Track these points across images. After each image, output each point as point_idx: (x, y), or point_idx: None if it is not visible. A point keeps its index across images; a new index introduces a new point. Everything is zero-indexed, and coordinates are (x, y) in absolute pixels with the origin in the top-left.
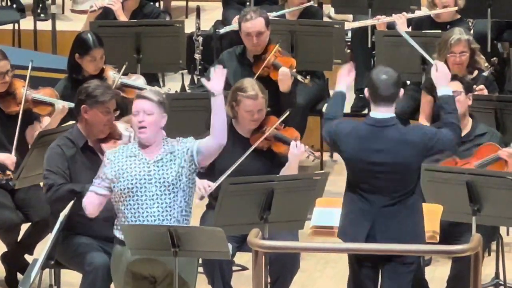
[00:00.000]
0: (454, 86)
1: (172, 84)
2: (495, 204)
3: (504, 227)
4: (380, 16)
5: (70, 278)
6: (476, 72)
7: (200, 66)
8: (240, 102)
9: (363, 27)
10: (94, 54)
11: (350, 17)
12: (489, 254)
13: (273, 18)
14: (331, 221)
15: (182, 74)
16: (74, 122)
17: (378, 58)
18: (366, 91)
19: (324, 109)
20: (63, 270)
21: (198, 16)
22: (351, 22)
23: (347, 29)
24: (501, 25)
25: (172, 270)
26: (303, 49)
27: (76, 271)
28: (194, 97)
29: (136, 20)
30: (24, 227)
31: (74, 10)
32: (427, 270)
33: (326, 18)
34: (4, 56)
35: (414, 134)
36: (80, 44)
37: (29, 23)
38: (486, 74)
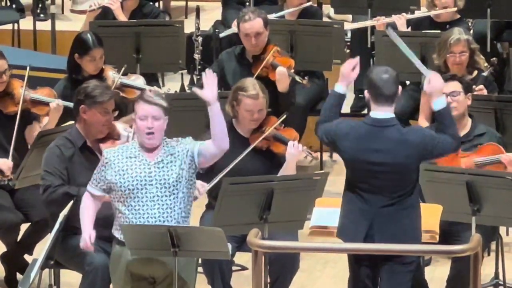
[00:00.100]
0: (453, 86)
1: (171, 84)
2: (495, 204)
3: (503, 227)
4: (379, 17)
5: (70, 278)
6: (475, 72)
7: (199, 66)
8: (240, 102)
9: (363, 27)
10: (94, 54)
11: (349, 17)
12: (488, 254)
13: (272, 18)
14: (331, 221)
15: (182, 74)
16: (73, 122)
17: (378, 58)
18: (367, 93)
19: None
20: (63, 270)
21: (198, 16)
22: (351, 23)
23: (347, 29)
24: (500, 25)
25: (171, 271)
26: (303, 49)
27: (75, 271)
28: (193, 97)
29: (135, 20)
30: (23, 227)
31: (73, 10)
32: (427, 270)
33: (325, 18)
34: (1, 55)
35: (415, 135)
36: (79, 44)
37: (28, 23)
38: (485, 74)
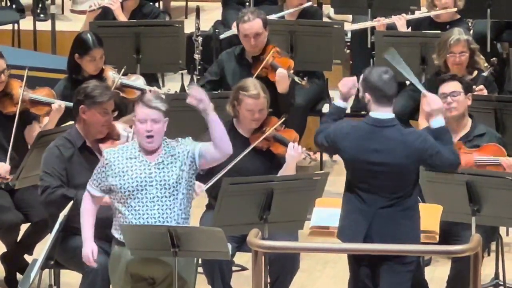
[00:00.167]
0: (453, 86)
1: (171, 84)
2: (495, 204)
3: (503, 227)
4: (380, 17)
5: (70, 278)
6: (475, 72)
7: (199, 66)
8: (241, 101)
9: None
10: (94, 54)
11: (349, 17)
12: (488, 254)
13: (272, 19)
14: (331, 221)
15: (182, 74)
16: (73, 122)
17: (378, 58)
18: (367, 95)
19: (324, 109)
20: (63, 270)
21: (198, 16)
22: (351, 24)
23: (347, 30)
24: (500, 25)
25: (170, 271)
26: (303, 49)
27: (75, 271)
28: None
29: (135, 20)
30: (23, 227)
31: (73, 10)
32: (427, 270)
33: (325, 19)
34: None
35: (415, 137)
36: (79, 44)
37: (28, 23)
38: (485, 74)
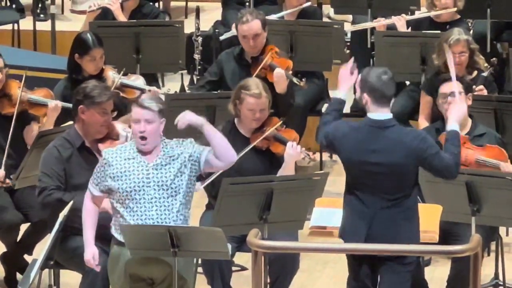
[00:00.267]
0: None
1: (171, 84)
2: (495, 204)
3: (503, 227)
4: (380, 18)
5: (69, 278)
6: (475, 72)
7: (199, 66)
8: (243, 100)
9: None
10: (94, 54)
11: (349, 17)
12: (488, 255)
13: (272, 19)
14: (331, 221)
15: (182, 74)
16: (73, 122)
17: (378, 58)
18: (365, 96)
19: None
20: (63, 270)
21: (198, 16)
22: (351, 24)
23: (347, 30)
24: (500, 25)
25: (170, 272)
26: (302, 49)
27: (75, 271)
28: (193, 97)
29: (135, 20)
30: (23, 227)
31: (73, 10)
32: (427, 270)
33: (325, 19)
34: None
35: (413, 137)
36: (79, 44)
37: (28, 23)
38: (485, 74)
